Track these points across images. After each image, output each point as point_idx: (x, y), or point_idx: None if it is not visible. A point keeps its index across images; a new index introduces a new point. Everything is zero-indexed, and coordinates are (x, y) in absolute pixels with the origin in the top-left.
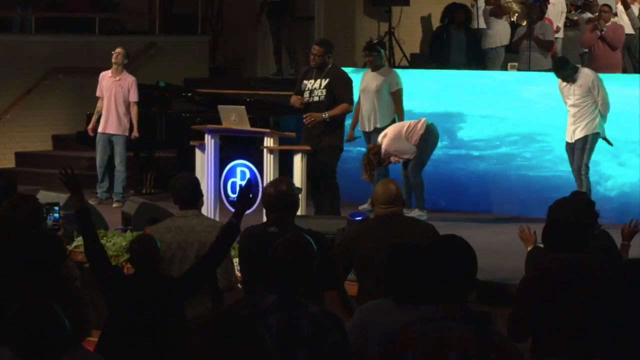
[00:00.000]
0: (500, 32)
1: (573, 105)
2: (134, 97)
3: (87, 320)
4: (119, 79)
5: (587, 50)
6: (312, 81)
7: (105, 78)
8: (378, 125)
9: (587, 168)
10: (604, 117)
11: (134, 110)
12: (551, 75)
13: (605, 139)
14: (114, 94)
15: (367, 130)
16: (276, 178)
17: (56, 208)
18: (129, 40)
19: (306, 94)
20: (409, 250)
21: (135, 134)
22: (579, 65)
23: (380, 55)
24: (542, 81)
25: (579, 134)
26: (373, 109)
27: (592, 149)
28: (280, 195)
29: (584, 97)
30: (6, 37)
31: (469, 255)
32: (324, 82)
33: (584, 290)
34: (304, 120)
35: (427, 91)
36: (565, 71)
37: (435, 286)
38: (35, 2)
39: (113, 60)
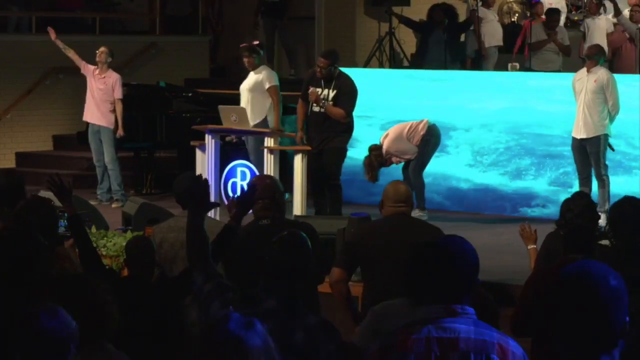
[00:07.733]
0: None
1: (583, 100)
2: (118, 94)
3: (108, 322)
4: (104, 77)
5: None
6: (320, 90)
7: (92, 72)
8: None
9: (606, 167)
10: (612, 118)
11: (118, 107)
12: (557, 76)
13: (609, 143)
14: (97, 90)
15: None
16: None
17: (67, 214)
18: (129, 40)
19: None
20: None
21: (120, 132)
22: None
23: (259, 57)
24: (545, 81)
25: (588, 133)
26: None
27: (605, 149)
28: (267, 185)
29: (595, 93)
30: (6, 37)
31: (471, 255)
32: (332, 94)
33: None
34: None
35: (428, 91)
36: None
37: (437, 286)
38: (35, 1)
39: (97, 59)
